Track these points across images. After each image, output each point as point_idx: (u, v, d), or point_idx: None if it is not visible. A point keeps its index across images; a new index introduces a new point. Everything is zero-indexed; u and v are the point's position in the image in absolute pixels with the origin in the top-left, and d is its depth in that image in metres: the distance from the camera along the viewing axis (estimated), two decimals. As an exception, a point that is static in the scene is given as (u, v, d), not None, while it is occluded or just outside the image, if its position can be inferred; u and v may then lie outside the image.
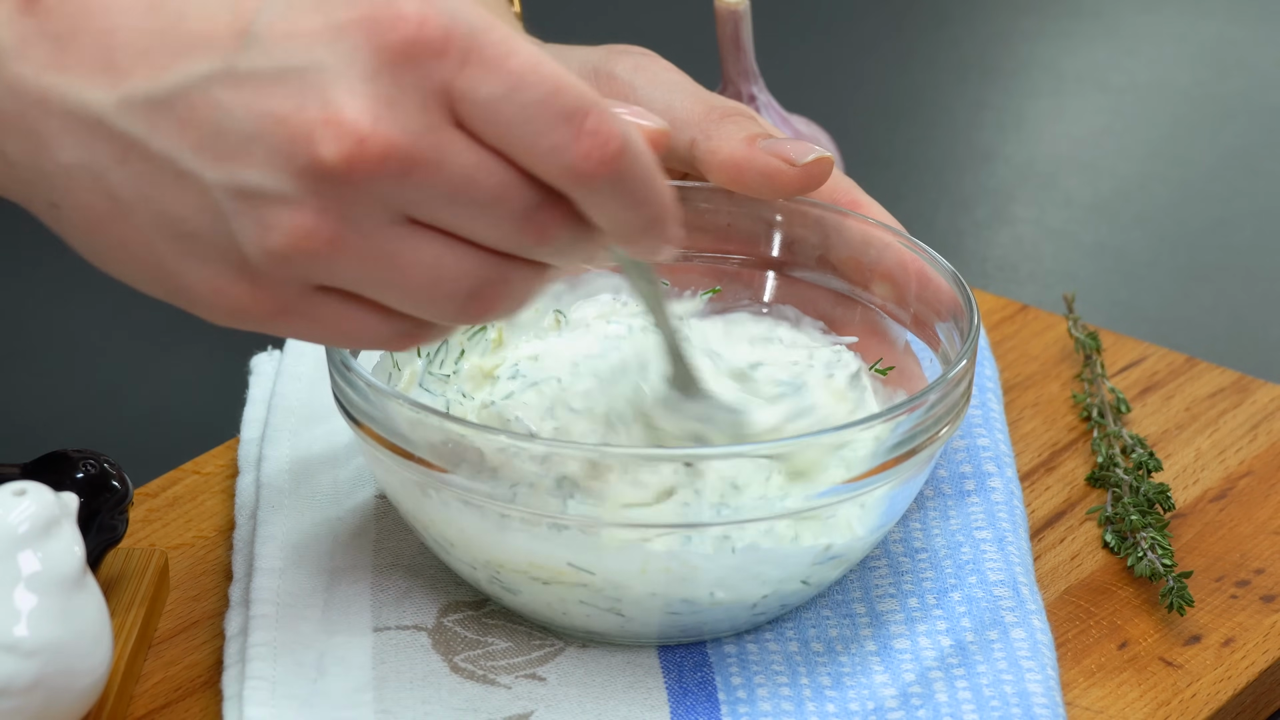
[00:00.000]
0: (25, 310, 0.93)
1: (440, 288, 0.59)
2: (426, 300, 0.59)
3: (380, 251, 0.58)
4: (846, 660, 0.69)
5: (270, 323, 0.60)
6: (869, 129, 1.10)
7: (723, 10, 0.86)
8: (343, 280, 0.59)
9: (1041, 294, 0.95)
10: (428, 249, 0.59)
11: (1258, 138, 1.10)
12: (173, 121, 0.58)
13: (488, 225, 0.59)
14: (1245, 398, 0.83)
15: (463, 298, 0.59)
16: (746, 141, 0.74)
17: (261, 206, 0.58)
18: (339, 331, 0.60)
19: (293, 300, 0.60)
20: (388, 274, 0.59)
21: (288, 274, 0.59)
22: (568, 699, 0.67)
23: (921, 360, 0.74)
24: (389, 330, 0.61)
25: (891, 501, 0.69)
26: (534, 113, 0.57)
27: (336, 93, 0.57)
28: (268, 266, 0.58)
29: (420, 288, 0.59)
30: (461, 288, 0.59)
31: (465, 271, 0.59)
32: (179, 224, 0.59)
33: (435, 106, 0.57)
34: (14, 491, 0.63)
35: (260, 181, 0.57)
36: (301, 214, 0.57)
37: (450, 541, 0.67)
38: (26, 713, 0.62)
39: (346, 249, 0.58)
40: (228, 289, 0.59)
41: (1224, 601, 0.73)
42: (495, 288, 0.60)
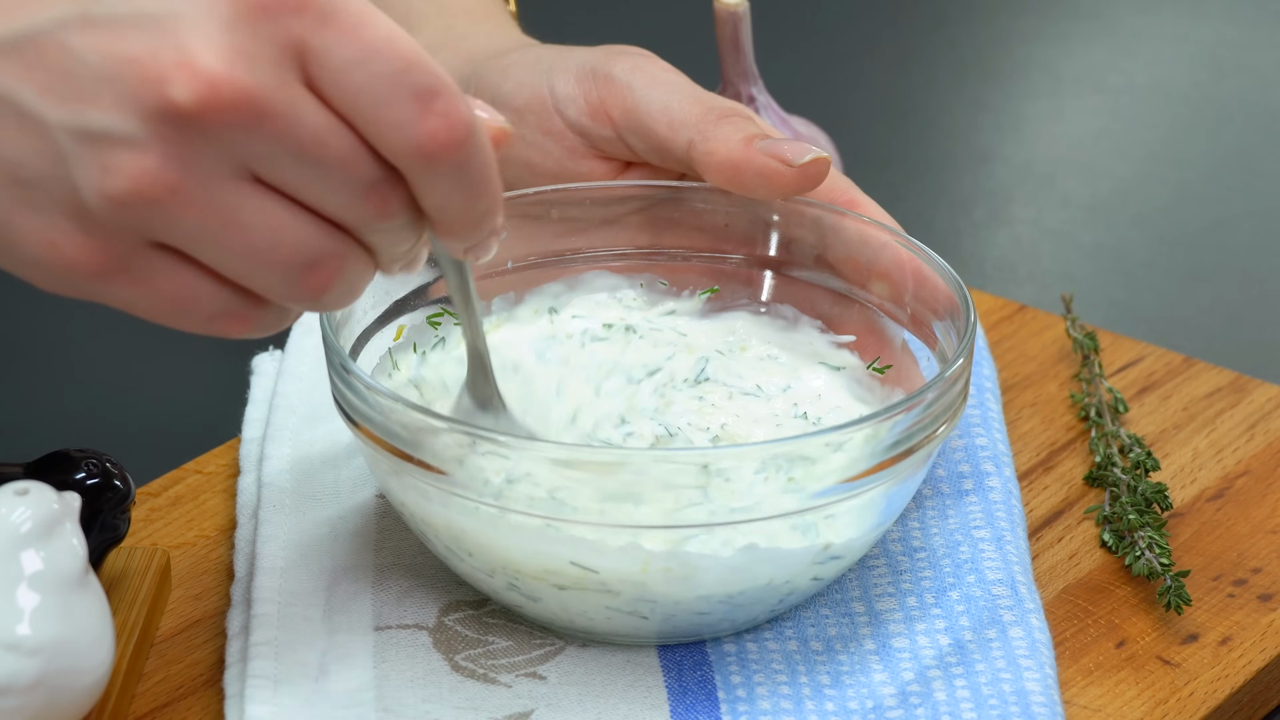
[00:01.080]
0: (27, 310, 0.93)
1: (277, 252, 0.59)
2: (263, 264, 0.59)
3: (221, 205, 0.58)
4: (845, 659, 0.69)
5: (100, 283, 0.60)
6: (868, 130, 1.10)
7: (722, 11, 0.86)
8: (180, 235, 0.58)
9: (1040, 294, 0.96)
10: (269, 210, 0.58)
11: (1255, 139, 1.10)
12: (19, 64, 0.57)
13: (331, 191, 0.58)
14: (1242, 397, 0.83)
15: (298, 267, 0.59)
16: (744, 142, 0.74)
17: (105, 149, 0.57)
18: (168, 298, 0.60)
19: (126, 256, 0.59)
20: (226, 231, 0.58)
21: (124, 222, 0.58)
22: (568, 698, 0.67)
23: (919, 359, 0.74)
24: (219, 302, 0.60)
25: (890, 501, 0.69)
26: (384, 85, 0.58)
27: (192, 38, 0.57)
28: (105, 212, 0.58)
29: (257, 250, 0.59)
30: (298, 256, 0.59)
31: (303, 239, 0.59)
32: (15, 169, 0.58)
33: (289, 63, 0.57)
34: (16, 491, 0.63)
35: (106, 123, 0.57)
36: (145, 158, 0.57)
37: (468, 551, 0.68)
38: (29, 711, 0.62)
39: (187, 199, 0.58)
40: (60, 241, 0.59)
41: (1221, 600, 0.73)
42: (331, 263, 0.59)
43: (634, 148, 0.77)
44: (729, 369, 0.74)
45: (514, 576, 0.67)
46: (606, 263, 0.78)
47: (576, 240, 0.78)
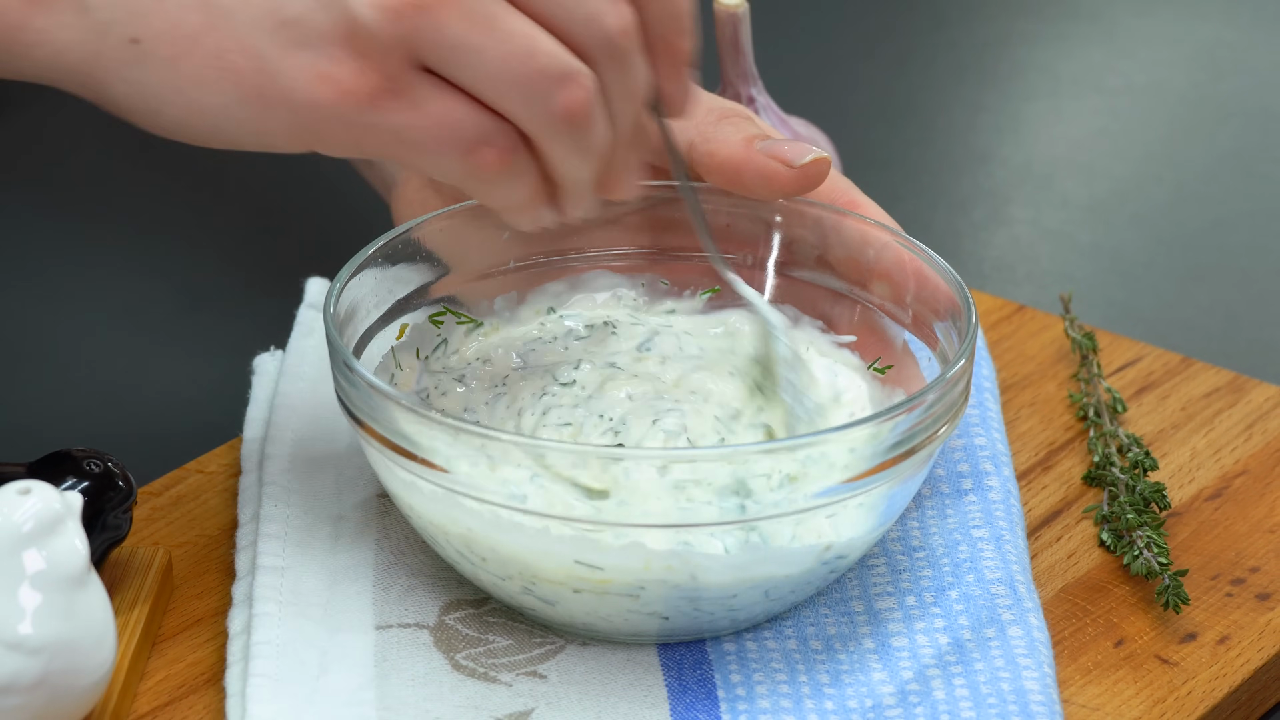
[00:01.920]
0: (29, 310, 0.93)
1: (535, 60, 0.62)
2: (520, 74, 0.62)
3: (482, 12, 0.62)
4: (845, 658, 0.69)
5: (373, 109, 0.63)
6: (867, 131, 1.10)
7: (722, 13, 0.86)
8: (447, 44, 0.62)
9: (1038, 294, 0.96)
10: (523, 22, 0.63)
11: (1253, 139, 1.11)
12: None
13: (572, 13, 0.62)
14: (1241, 397, 0.83)
15: (554, 80, 0.63)
16: (744, 142, 0.74)
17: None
18: (435, 120, 0.63)
19: (396, 76, 0.62)
20: (489, 37, 0.62)
21: (396, 35, 0.62)
22: (568, 696, 0.68)
23: (920, 359, 0.74)
24: (480, 127, 0.63)
25: (890, 501, 0.69)
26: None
27: None
28: (380, 24, 0.61)
29: (517, 57, 0.62)
30: (554, 68, 0.63)
31: (555, 52, 0.63)
32: (283, 8, 0.61)
33: None
34: (19, 490, 0.63)
35: None
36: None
37: (481, 557, 0.68)
38: (31, 710, 0.62)
39: (452, 4, 0.61)
40: (334, 71, 0.62)
41: (1219, 599, 0.73)
42: (584, 85, 0.63)
43: (635, 148, 0.77)
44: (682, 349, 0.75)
45: (530, 581, 0.67)
46: (608, 262, 0.78)
47: (578, 240, 0.78)
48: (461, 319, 0.76)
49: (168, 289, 0.94)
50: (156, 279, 0.94)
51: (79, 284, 0.94)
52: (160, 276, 0.95)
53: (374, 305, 0.74)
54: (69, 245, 0.97)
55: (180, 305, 0.93)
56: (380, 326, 0.74)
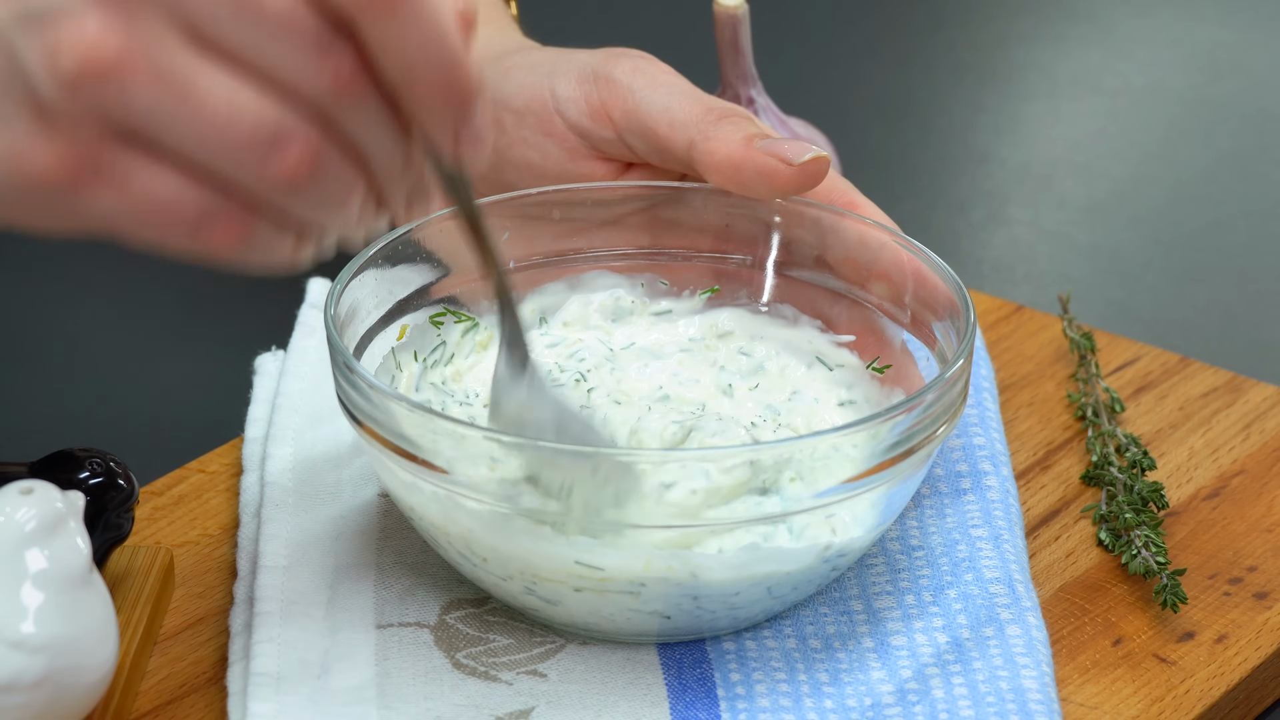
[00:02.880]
0: (31, 310, 0.93)
1: (239, 126, 0.56)
2: (226, 141, 0.56)
3: (172, 74, 0.56)
4: (844, 657, 0.69)
5: (75, 192, 0.57)
6: (866, 131, 1.10)
7: (721, 14, 0.86)
8: (137, 112, 0.56)
9: (1037, 295, 0.96)
10: (224, 81, 0.56)
11: (1250, 140, 1.11)
12: None
13: (281, 55, 0.56)
14: (1238, 397, 0.83)
15: (265, 144, 0.56)
16: (744, 142, 0.74)
17: (47, 27, 0.56)
18: (147, 201, 0.57)
19: (93, 153, 0.57)
20: (181, 103, 0.56)
21: (83, 106, 0.56)
22: (568, 695, 0.68)
23: (918, 359, 0.74)
24: (199, 203, 0.57)
25: (889, 500, 0.69)
26: None
27: None
28: (62, 98, 0.56)
29: (216, 122, 0.56)
30: (262, 129, 0.56)
31: (263, 111, 0.56)
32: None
33: None
34: (21, 490, 0.63)
35: (44, 1, 0.56)
36: (86, 25, 0.55)
37: (482, 558, 0.68)
38: (33, 708, 0.62)
39: (135, 67, 0.56)
40: (27, 150, 0.57)
41: (1217, 599, 0.73)
42: (300, 143, 0.57)
43: (635, 149, 0.77)
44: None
45: (531, 581, 0.68)
46: (608, 263, 0.78)
47: (578, 240, 0.78)
48: (461, 319, 0.76)
49: (170, 289, 0.94)
50: (158, 278, 0.95)
51: (81, 283, 0.94)
52: (162, 276, 0.95)
53: (374, 306, 0.74)
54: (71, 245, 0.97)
55: (182, 305, 0.93)
56: (381, 327, 0.74)
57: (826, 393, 0.75)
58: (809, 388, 0.75)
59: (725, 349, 0.76)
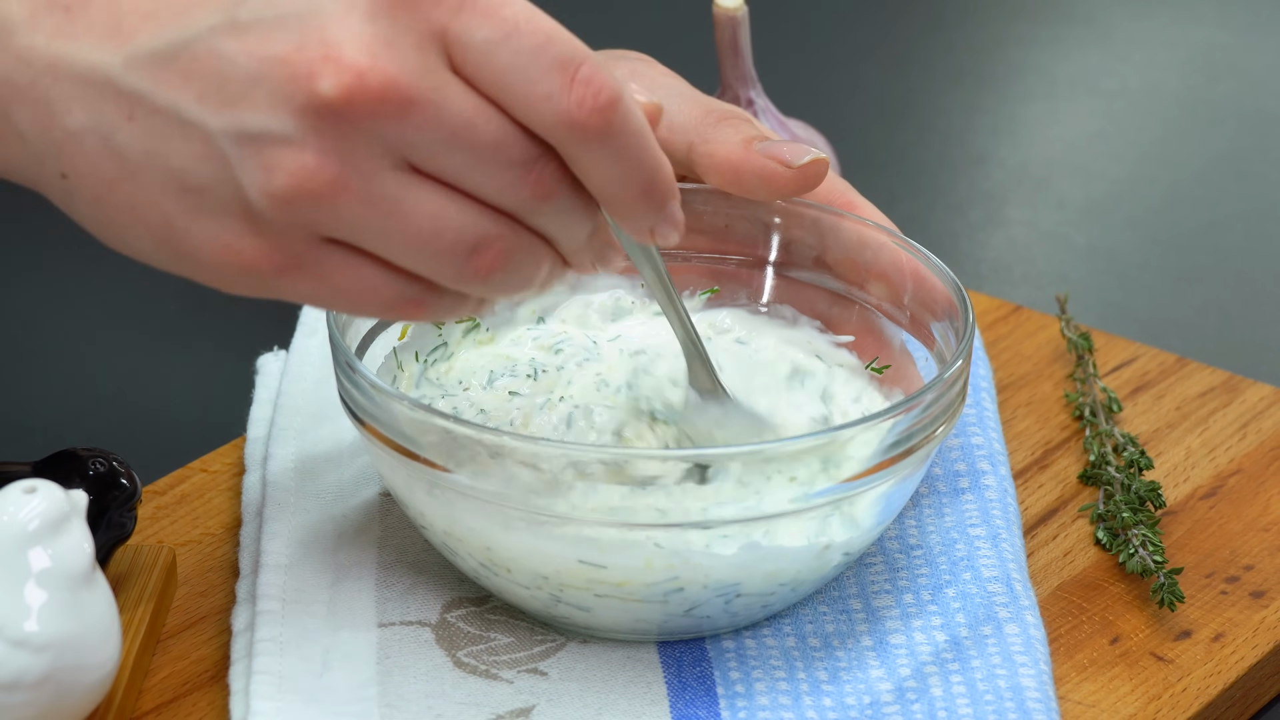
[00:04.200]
0: (34, 310, 0.93)
1: (443, 238, 0.59)
2: (429, 251, 0.60)
3: (382, 196, 0.59)
4: (843, 656, 0.70)
5: (278, 280, 0.61)
6: (865, 133, 1.10)
7: (721, 16, 0.86)
8: (345, 227, 0.59)
9: (1034, 295, 0.96)
10: (429, 197, 0.59)
11: (1247, 141, 1.11)
12: (176, 74, 0.59)
13: (488, 175, 0.59)
14: (1235, 397, 0.83)
15: (465, 251, 0.60)
16: (743, 144, 0.74)
17: (264, 149, 0.58)
18: (345, 289, 0.61)
19: (299, 252, 0.60)
20: (389, 221, 0.59)
21: (292, 220, 0.59)
22: (569, 693, 0.68)
23: (917, 359, 0.74)
24: (394, 291, 0.61)
25: (888, 500, 0.69)
26: (527, 59, 0.58)
27: (336, 32, 0.58)
28: (273, 212, 0.59)
29: (422, 237, 0.59)
30: (465, 240, 0.60)
31: (466, 224, 0.60)
32: (185, 177, 0.59)
33: (432, 49, 0.58)
34: (24, 489, 0.63)
35: (262, 124, 0.58)
36: (303, 154, 0.58)
37: (505, 567, 0.68)
38: (37, 706, 0.62)
39: (348, 191, 0.59)
40: (235, 244, 0.60)
41: (1214, 597, 0.74)
42: (498, 245, 0.60)
43: (635, 150, 0.77)
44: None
45: (531, 579, 0.68)
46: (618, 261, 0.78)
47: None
48: (462, 319, 0.76)
49: (172, 289, 0.94)
50: (161, 279, 0.94)
51: (84, 284, 0.94)
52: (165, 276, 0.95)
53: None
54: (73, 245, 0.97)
55: (185, 305, 0.93)
56: (382, 327, 0.74)
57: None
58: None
59: (721, 340, 0.76)
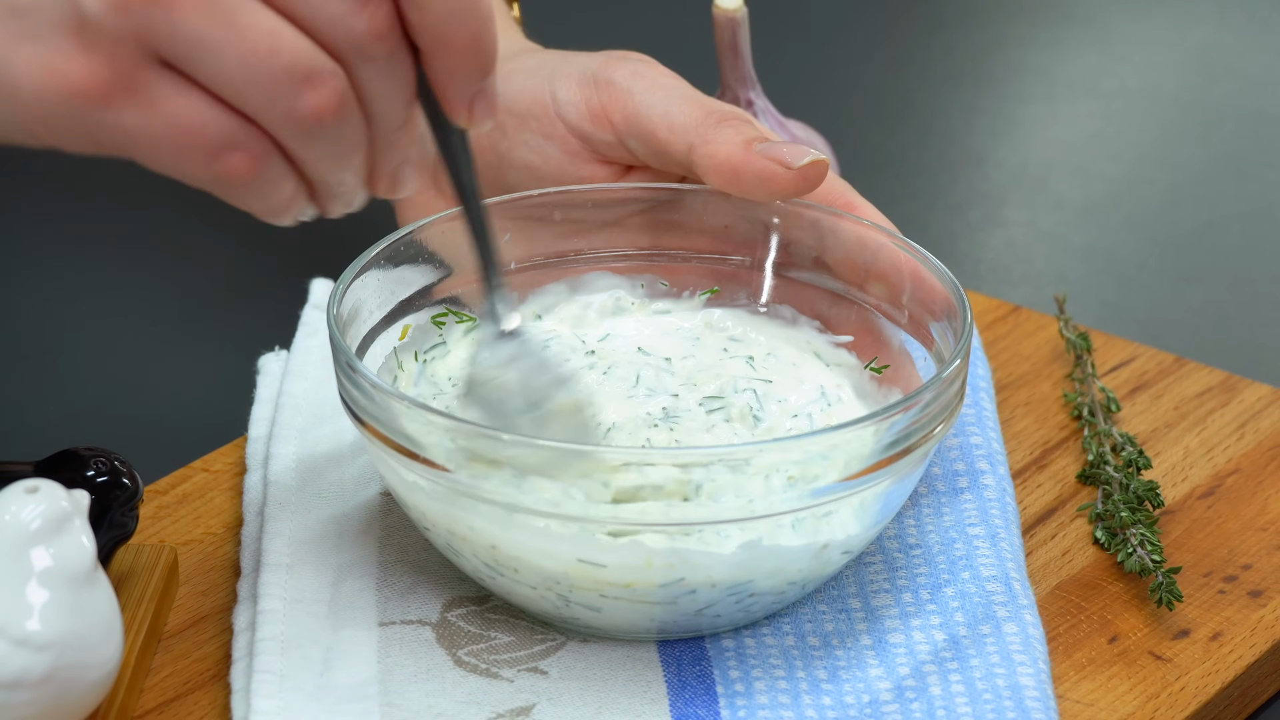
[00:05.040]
0: (36, 310, 0.93)
1: (278, 58, 0.58)
2: (260, 72, 0.58)
3: (219, 5, 0.58)
4: (842, 654, 0.70)
5: (104, 108, 0.59)
6: (864, 133, 1.11)
7: (720, 17, 0.86)
8: (181, 40, 0.58)
9: (1033, 295, 0.96)
10: (266, 15, 0.58)
11: (1245, 142, 1.11)
12: None
13: (318, 11, 0.58)
14: (1233, 397, 0.84)
15: (297, 79, 0.59)
16: (743, 145, 0.75)
17: None
18: (172, 123, 0.59)
19: (129, 73, 0.58)
20: (226, 32, 0.58)
21: (125, 29, 0.58)
22: (569, 692, 0.68)
23: (916, 359, 0.74)
24: (221, 129, 0.59)
25: (887, 499, 0.69)
26: None
27: None
28: (107, 18, 0.57)
29: (258, 54, 0.58)
30: (299, 67, 0.58)
31: (300, 49, 0.58)
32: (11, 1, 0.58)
33: None
34: (26, 489, 0.63)
35: None
36: None
37: (512, 569, 0.68)
38: (39, 705, 0.62)
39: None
40: (64, 65, 0.58)
41: (1212, 596, 0.74)
42: (330, 84, 0.59)
43: (635, 151, 0.78)
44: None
45: (569, 589, 0.68)
46: (608, 264, 0.79)
47: (578, 242, 0.78)
48: (463, 320, 0.76)
49: (174, 289, 0.94)
50: (163, 279, 0.95)
51: (85, 283, 0.94)
52: (166, 276, 0.95)
53: (377, 306, 0.74)
54: (75, 245, 0.97)
55: (186, 305, 0.93)
56: (383, 327, 0.75)
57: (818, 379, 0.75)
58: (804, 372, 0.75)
59: (717, 336, 0.77)
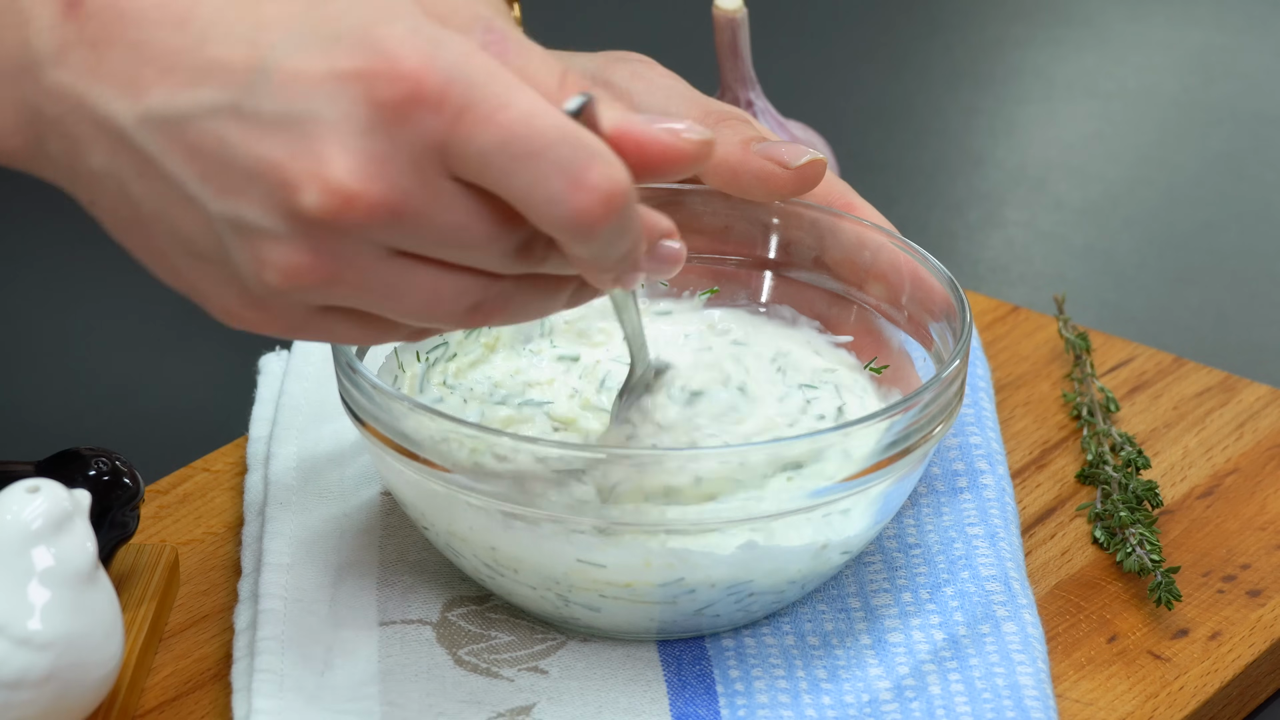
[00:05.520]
0: (38, 310, 0.93)
1: (440, 306, 0.60)
2: (427, 318, 0.61)
3: (376, 281, 0.60)
4: (842, 654, 0.70)
5: (283, 334, 0.62)
6: (863, 134, 1.11)
7: (720, 17, 0.87)
8: (343, 303, 0.60)
9: (1032, 295, 0.96)
10: (424, 276, 0.60)
11: (1244, 143, 1.11)
12: (183, 146, 0.59)
13: (480, 261, 0.60)
14: (1231, 397, 0.84)
15: (463, 313, 0.61)
16: (742, 145, 0.75)
17: (257, 241, 0.59)
18: (349, 341, 0.62)
19: (299, 319, 0.61)
20: (386, 299, 0.60)
21: (289, 301, 0.60)
22: (569, 691, 0.68)
23: (915, 359, 0.74)
24: (397, 336, 0.63)
25: (887, 499, 0.69)
26: (527, 164, 0.58)
27: (329, 146, 0.58)
28: (267, 296, 0.60)
29: (419, 308, 0.60)
30: (461, 305, 0.60)
31: (463, 290, 0.60)
32: (190, 243, 0.60)
33: (427, 162, 0.58)
34: (28, 489, 0.63)
35: (255, 219, 0.58)
36: (294, 251, 0.59)
37: (513, 569, 0.68)
38: (40, 705, 0.62)
39: (341, 281, 0.59)
40: (238, 310, 0.61)
41: (1211, 596, 0.74)
42: (495, 303, 0.61)
43: (634, 152, 0.78)
44: None
45: (569, 589, 0.68)
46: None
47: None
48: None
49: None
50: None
51: (87, 283, 0.94)
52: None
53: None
54: (77, 245, 0.97)
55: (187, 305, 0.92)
56: (383, 327, 0.75)
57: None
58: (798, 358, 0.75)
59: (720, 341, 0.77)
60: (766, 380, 0.73)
